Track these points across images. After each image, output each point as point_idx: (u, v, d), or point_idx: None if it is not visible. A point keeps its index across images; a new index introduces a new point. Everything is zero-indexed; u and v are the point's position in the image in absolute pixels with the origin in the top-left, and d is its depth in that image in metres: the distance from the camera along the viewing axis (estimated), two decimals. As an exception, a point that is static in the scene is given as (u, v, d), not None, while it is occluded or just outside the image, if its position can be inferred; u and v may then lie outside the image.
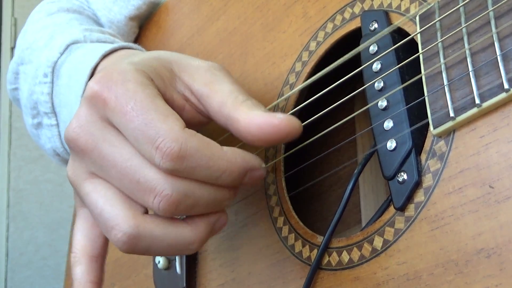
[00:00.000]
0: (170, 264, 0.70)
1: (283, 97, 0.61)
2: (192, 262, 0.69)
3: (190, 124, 0.54)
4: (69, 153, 0.78)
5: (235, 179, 0.50)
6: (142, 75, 0.51)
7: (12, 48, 3.10)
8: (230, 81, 0.55)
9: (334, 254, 0.53)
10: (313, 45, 0.61)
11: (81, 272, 0.55)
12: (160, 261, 0.70)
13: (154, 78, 0.52)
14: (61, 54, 0.75)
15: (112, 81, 0.50)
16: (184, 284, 0.68)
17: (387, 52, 0.52)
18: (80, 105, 0.53)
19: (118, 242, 0.50)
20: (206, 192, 0.50)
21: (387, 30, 0.52)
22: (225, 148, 0.50)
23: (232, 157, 0.50)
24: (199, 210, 0.51)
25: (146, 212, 0.52)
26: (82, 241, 0.56)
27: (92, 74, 0.69)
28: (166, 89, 0.54)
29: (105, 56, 0.69)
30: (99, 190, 0.52)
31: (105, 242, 0.57)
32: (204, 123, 0.57)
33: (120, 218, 0.50)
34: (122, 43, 0.72)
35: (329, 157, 0.73)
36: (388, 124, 0.51)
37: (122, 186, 0.51)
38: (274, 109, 0.63)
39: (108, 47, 0.70)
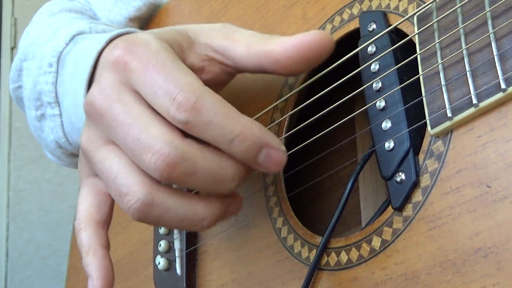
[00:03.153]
0: (170, 265, 0.70)
1: (282, 98, 0.62)
2: (192, 263, 0.69)
3: (210, 85, 0.54)
4: (71, 144, 0.78)
5: (248, 149, 0.48)
6: (162, 41, 0.51)
7: (12, 48, 3.10)
8: (247, 29, 0.55)
9: (333, 254, 0.54)
10: (311, 45, 0.61)
11: (89, 237, 0.54)
12: (160, 262, 0.70)
13: (172, 44, 0.53)
14: (67, 44, 0.75)
15: (134, 44, 0.51)
16: (184, 285, 0.68)
17: (386, 53, 0.52)
18: (101, 72, 0.53)
19: (131, 208, 0.50)
20: (208, 161, 0.48)
21: (385, 32, 0.52)
22: (244, 115, 0.49)
23: (249, 124, 0.48)
24: (198, 183, 0.49)
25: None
26: (88, 208, 0.55)
27: (97, 59, 0.69)
28: (184, 56, 0.54)
29: (111, 40, 0.70)
30: (114, 156, 0.51)
31: (111, 209, 0.56)
32: (224, 82, 0.57)
33: (134, 185, 0.49)
34: (128, 29, 0.72)
35: (329, 158, 0.73)
36: (386, 125, 0.51)
37: (126, 146, 0.50)
38: (274, 110, 0.64)
39: (114, 32, 0.70)
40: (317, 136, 0.56)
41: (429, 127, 0.47)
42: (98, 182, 0.56)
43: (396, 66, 0.51)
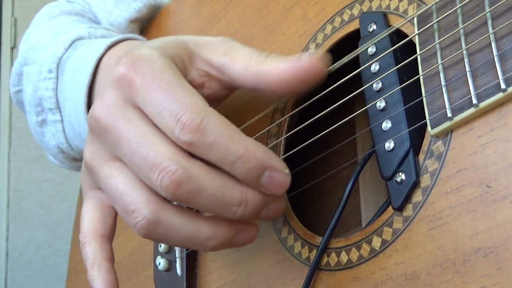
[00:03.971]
0: (170, 266, 0.70)
1: (282, 100, 0.62)
2: (192, 263, 0.69)
3: (210, 101, 0.54)
4: (73, 149, 0.78)
5: (251, 171, 0.48)
6: (166, 57, 0.52)
7: (12, 48, 3.10)
8: (246, 46, 0.55)
9: (333, 254, 0.54)
10: (312, 47, 0.61)
11: (94, 251, 0.55)
12: (161, 263, 0.70)
13: (175, 59, 0.53)
14: (66, 50, 0.75)
15: (139, 62, 0.51)
16: (185, 286, 0.68)
17: (386, 54, 0.52)
18: (104, 88, 0.53)
19: (137, 225, 0.50)
20: (213, 182, 0.49)
21: (385, 33, 0.52)
22: (248, 137, 0.49)
23: (252, 146, 0.48)
24: (203, 203, 0.49)
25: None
26: (92, 221, 0.56)
27: (97, 65, 0.69)
28: (186, 71, 0.54)
29: (110, 47, 0.70)
30: (120, 173, 0.52)
31: (115, 222, 0.57)
32: (224, 97, 0.58)
33: (141, 203, 0.50)
34: (126, 35, 0.72)
35: (329, 158, 0.73)
36: (387, 125, 0.51)
37: (132, 164, 0.50)
38: (274, 111, 0.64)
39: (113, 38, 0.70)
40: (317, 136, 0.56)
41: (429, 128, 0.47)
42: (102, 195, 0.56)
43: (396, 67, 0.51)
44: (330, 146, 0.61)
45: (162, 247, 0.71)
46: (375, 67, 0.53)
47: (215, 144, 0.48)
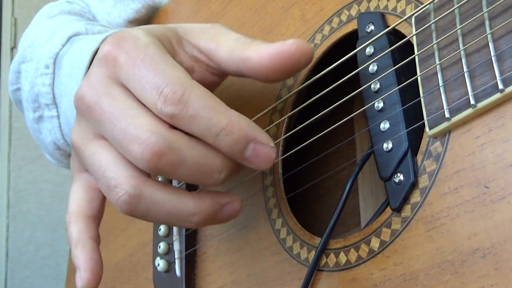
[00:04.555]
0: (170, 267, 0.70)
1: (281, 100, 0.62)
2: (191, 264, 0.69)
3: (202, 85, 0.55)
4: (69, 145, 0.78)
5: (234, 143, 0.48)
6: (152, 36, 0.52)
7: (12, 48, 3.10)
8: (234, 32, 0.55)
9: (332, 255, 0.54)
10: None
11: (78, 230, 0.54)
12: (160, 264, 0.70)
13: (163, 42, 0.53)
14: (63, 45, 0.75)
15: (124, 39, 0.51)
16: (184, 287, 0.68)
17: (383, 54, 0.52)
18: (91, 67, 0.53)
19: (119, 201, 0.50)
20: (195, 151, 0.48)
21: (383, 33, 0.52)
22: (232, 109, 0.49)
23: (236, 118, 0.48)
24: (185, 174, 0.49)
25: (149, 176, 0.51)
26: (79, 202, 0.55)
27: (93, 59, 0.69)
28: (174, 52, 0.54)
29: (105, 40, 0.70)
30: (103, 151, 0.51)
31: (102, 204, 0.56)
32: (215, 83, 0.57)
33: (123, 178, 0.50)
34: (122, 29, 0.72)
35: (328, 159, 0.73)
36: (385, 125, 0.51)
37: (113, 139, 0.50)
38: (272, 111, 0.64)
39: (109, 32, 0.70)
40: (316, 137, 0.56)
41: (427, 128, 0.47)
42: (89, 177, 0.56)
43: (394, 67, 0.51)
44: (329, 147, 0.61)
45: (161, 248, 0.71)
46: (373, 68, 0.53)
47: (197, 116, 0.47)
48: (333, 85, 0.54)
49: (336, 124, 0.55)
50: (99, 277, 0.53)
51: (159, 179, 0.67)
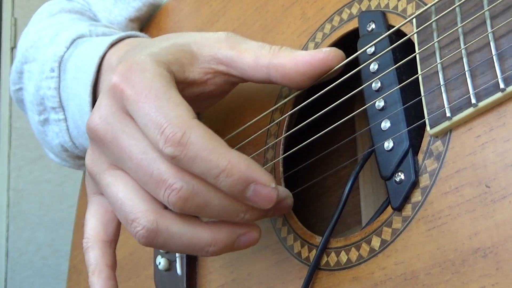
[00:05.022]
0: (170, 266, 0.70)
1: (282, 99, 0.62)
2: (192, 263, 0.69)
3: (214, 96, 0.57)
4: (77, 148, 0.78)
5: (234, 185, 0.48)
6: (160, 66, 0.52)
7: (12, 48, 3.10)
8: (251, 40, 0.56)
9: (333, 254, 0.54)
10: (311, 46, 0.61)
11: (96, 256, 0.56)
12: (161, 262, 0.70)
13: (173, 65, 0.53)
14: (67, 48, 0.75)
15: (131, 71, 0.51)
16: (185, 285, 0.68)
17: (384, 53, 0.52)
18: (101, 97, 0.53)
19: (137, 235, 0.51)
20: (217, 196, 0.49)
21: (386, 35, 0.52)
22: (234, 150, 0.49)
23: (235, 159, 0.48)
24: (212, 214, 0.50)
25: (166, 208, 0.52)
26: (96, 226, 0.57)
27: (100, 64, 0.69)
28: (185, 73, 0.55)
29: (112, 45, 0.70)
30: (120, 182, 0.52)
31: (118, 227, 0.57)
32: (228, 91, 0.59)
33: (140, 212, 0.51)
34: (128, 32, 0.72)
35: (329, 158, 0.73)
36: (386, 124, 0.51)
37: (138, 178, 0.51)
38: (273, 110, 0.64)
39: (115, 36, 0.70)
40: (317, 135, 0.56)
41: (428, 127, 0.47)
42: (105, 200, 0.57)
43: (395, 66, 0.51)
44: (329, 145, 0.61)
45: (162, 247, 0.71)
46: (374, 67, 0.53)
47: (197, 158, 0.48)
48: (334, 84, 0.54)
49: (337, 123, 0.55)
50: None
51: None
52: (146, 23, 0.91)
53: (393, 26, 0.53)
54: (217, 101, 0.61)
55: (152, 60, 0.52)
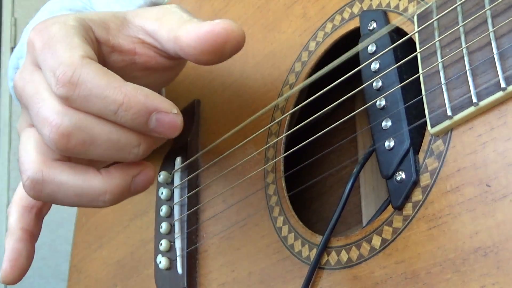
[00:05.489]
0: (171, 264, 0.70)
1: (282, 97, 0.62)
2: (193, 262, 0.69)
3: (149, 68, 0.54)
4: None
5: (135, 117, 0.46)
6: (74, 20, 0.51)
7: (12, 48, 3.10)
8: (182, 11, 0.53)
9: (333, 253, 0.54)
10: (312, 45, 0.61)
11: (13, 221, 0.55)
12: (162, 261, 0.70)
13: (95, 24, 0.52)
14: None
15: (45, 25, 0.50)
16: (185, 284, 0.68)
17: (385, 52, 0.52)
18: None
19: (24, 186, 0.50)
20: (105, 129, 0.47)
21: (385, 30, 0.52)
22: (130, 83, 0.47)
23: (132, 91, 0.46)
24: (100, 152, 0.48)
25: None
26: (20, 192, 0.56)
27: None
28: (109, 36, 0.53)
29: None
30: (26, 138, 0.52)
31: None
32: (166, 66, 0.56)
33: (27, 163, 0.50)
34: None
35: (329, 157, 0.73)
36: (387, 123, 0.51)
37: (33, 122, 0.50)
38: (274, 109, 0.64)
39: None
40: (318, 134, 0.56)
41: (429, 126, 0.47)
42: None
43: (396, 65, 0.51)
44: (330, 145, 0.61)
45: (163, 245, 0.71)
46: (375, 66, 0.53)
47: (91, 96, 0.46)
48: (334, 83, 0.54)
49: (338, 122, 0.55)
50: (20, 269, 0.54)
51: None
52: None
53: (394, 25, 0.53)
54: (169, 76, 0.59)
55: (71, 17, 0.51)
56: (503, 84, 0.42)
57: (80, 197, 0.49)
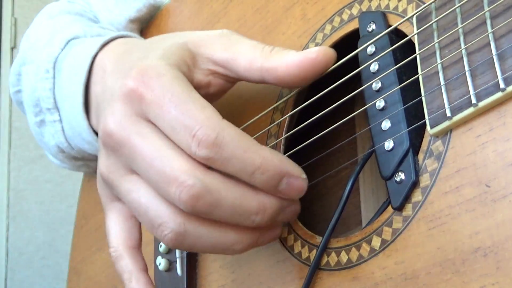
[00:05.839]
0: (171, 266, 0.70)
1: (283, 99, 0.62)
2: (192, 264, 0.69)
3: (217, 95, 0.57)
4: (73, 149, 0.79)
5: (269, 180, 0.49)
6: (173, 68, 0.52)
7: (12, 48, 3.10)
8: (247, 39, 0.56)
9: (333, 254, 0.54)
10: (312, 46, 0.61)
11: (128, 264, 0.56)
12: (161, 263, 0.70)
13: (182, 67, 0.53)
14: (62, 49, 0.75)
15: (147, 75, 0.51)
16: (185, 286, 0.68)
17: (385, 53, 0.52)
18: (114, 102, 0.53)
19: (165, 238, 0.51)
20: (231, 194, 0.49)
21: (385, 33, 0.52)
22: (266, 147, 0.50)
23: (269, 155, 0.49)
24: (223, 214, 0.50)
25: None
26: (120, 234, 0.57)
27: (92, 64, 0.69)
28: (192, 75, 0.55)
29: (104, 45, 0.70)
30: (140, 188, 0.52)
31: (140, 231, 0.58)
32: (228, 88, 0.59)
33: (166, 217, 0.50)
34: (120, 32, 0.73)
35: (329, 158, 0.73)
36: (386, 125, 0.51)
37: (149, 179, 0.50)
38: (274, 110, 0.64)
39: (107, 36, 0.71)
40: (317, 136, 0.56)
41: (428, 127, 0.47)
42: (124, 207, 0.57)
43: (396, 66, 0.51)
44: (330, 146, 0.61)
45: (163, 247, 0.71)
46: (374, 67, 0.53)
47: (233, 157, 0.48)
48: (334, 84, 0.54)
49: (337, 123, 0.55)
50: None
51: None
52: (146, 24, 0.91)
53: (394, 27, 0.53)
54: (217, 100, 0.61)
55: (165, 63, 0.52)
56: (502, 85, 0.42)
57: (215, 247, 0.52)
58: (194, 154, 0.48)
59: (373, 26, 0.55)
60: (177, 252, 0.69)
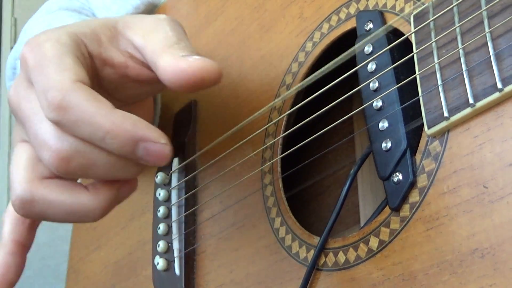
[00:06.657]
0: (169, 266, 0.70)
1: (279, 98, 0.61)
2: (190, 263, 0.69)
3: (141, 80, 0.54)
4: None
5: (122, 145, 0.47)
6: (67, 37, 0.51)
7: (12, 48, 3.11)
8: (171, 28, 0.53)
9: (331, 254, 0.53)
10: (309, 45, 0.61)
11: (6, 231, 0.55)
12: (159, 262, 0.70)
13: (87, 38, 0.52)
14: None
15: (37, 41, 0.50)
16: (183, 285, 0.68)
17: (382, 52, 0.52)
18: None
19: (14, 205, 0.50)
20: (102, 155, 0.48)
21: (381, 31, 0.52)
22: (119, 110, 0.47)
23: (119, 119, 0.46)
24: (99, 173, 0.49)
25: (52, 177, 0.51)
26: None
27: None
28: (101, 49, 0.53)
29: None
30: (17, 153, 0.52)
31: None
32: (156, 78, 0.53)
33: (16, 182, 0.50)
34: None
35: (327, 158, 0.73)
36: (383, 125, 0.51)
37: (29, 139, 0.50)
38: (271, 110, 0.64)
39: None
40: (315, 135, 0.56)
41: (426, 127, 0.47)
42: None
43: (393, 66, 0.51)
44: (327, 145, 0.61)
45: (161, 246, 0.71)
46: (371, 66, 0.53)
47: (79, 121, 0.46)
48: (331, 83, 0.53)
49: (335, 123, 0.55)
50: (7, 284, 0.54)
51: None
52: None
53: (391, 26, 0.52)
54: (161, 86, 0.56)
55: (63, 31, 0.51)
56: (499, 85, 0.42)
57: (69, 214, 0.50)
58: (47, 117, 0.47)
59: (370, 25, 0.54)
60: (175, 251, 0.69)
